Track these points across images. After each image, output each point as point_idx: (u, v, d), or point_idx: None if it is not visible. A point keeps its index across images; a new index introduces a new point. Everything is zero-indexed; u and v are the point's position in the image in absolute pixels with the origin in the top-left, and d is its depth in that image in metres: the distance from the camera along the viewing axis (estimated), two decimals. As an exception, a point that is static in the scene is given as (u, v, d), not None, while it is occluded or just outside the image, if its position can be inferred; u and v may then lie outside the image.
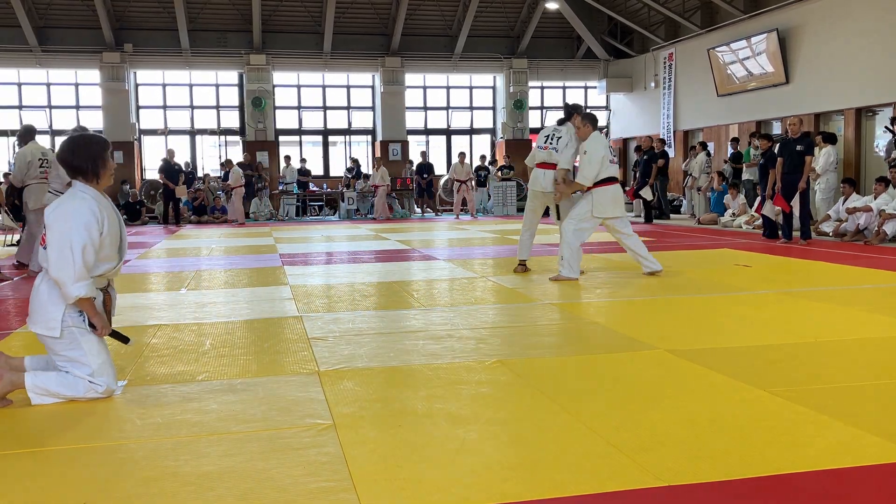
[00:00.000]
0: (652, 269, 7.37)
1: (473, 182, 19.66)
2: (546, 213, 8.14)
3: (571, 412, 3.29)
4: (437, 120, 23.07)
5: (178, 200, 17.96)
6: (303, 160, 20.82)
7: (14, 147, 12.18)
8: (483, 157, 21.45)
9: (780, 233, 11.10)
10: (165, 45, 20.20)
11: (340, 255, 10.26)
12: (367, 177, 20.09)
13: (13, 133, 15.91)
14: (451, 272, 8.00)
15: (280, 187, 20.03)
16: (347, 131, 22.54)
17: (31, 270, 8.34)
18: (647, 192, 15.32)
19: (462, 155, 19.83)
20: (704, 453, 2.79)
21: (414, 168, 20.67)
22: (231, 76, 21.44)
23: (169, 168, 17.77)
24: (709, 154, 16.70)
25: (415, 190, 20.49)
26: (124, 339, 3.79)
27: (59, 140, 9.00)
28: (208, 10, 20.26)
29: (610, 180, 7.22)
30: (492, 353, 4.43)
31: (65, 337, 3.53)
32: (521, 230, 7.94)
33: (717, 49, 17.21)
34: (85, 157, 3.56)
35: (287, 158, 20.54)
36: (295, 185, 20.25)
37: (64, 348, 3.54)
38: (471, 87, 23.16)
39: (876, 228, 10.72)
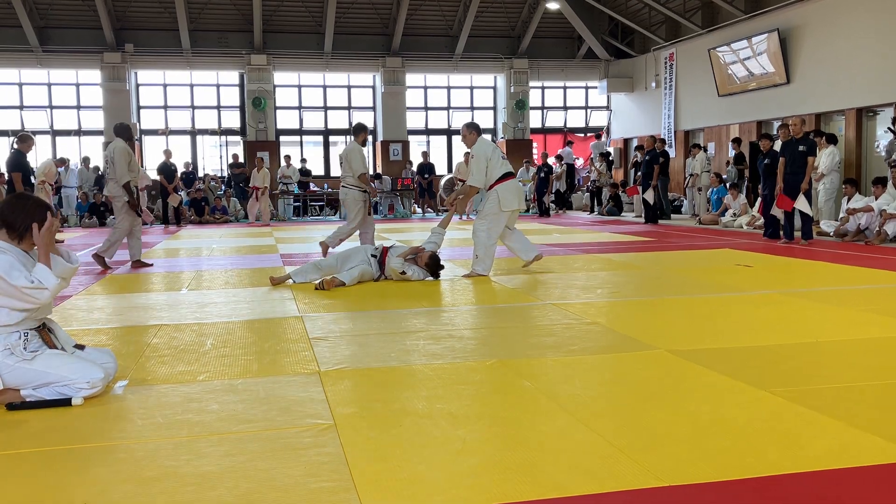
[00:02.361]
0: (530, 258, 7.89)
1: None
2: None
3: (571, 412, 3.29)
4: (437, 120, 23.06)
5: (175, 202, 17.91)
6: (303, 160, 20.80)
7: (13, 145, 12.09)
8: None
9: (781, 233, 11.10)
10: (166, 45, 20.20)
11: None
12: (245, 180, 19.25)
13: (14, 133, 15.89)
14: (451, 272, 8.00)
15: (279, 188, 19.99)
16: (348, 131, 22.52)
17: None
18: (649, 195, 15.27)
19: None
20: (704, 453, 2.79)
21: (415, 168, 20.67)
22: (232, 76, 21.45)
23: (166, 168, 17.86)
24: (705, 150, 16.74)
25: (416, 190, 20.47)
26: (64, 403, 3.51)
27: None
28: (209, 10, 20.26)
29: (507, 175, 7.70)
30: (492, 353, 4.43)
31: (18, 372, 3.45)
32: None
33: (717, 49, 17.20)
34: (23, 217, 3.50)
35: (287, 158, 20.41)
36: (295, 185, 20.25)
37: (26, 381, 3.47)
38: (471, 88, 23.15)
39: (877, 229, 10.71)
